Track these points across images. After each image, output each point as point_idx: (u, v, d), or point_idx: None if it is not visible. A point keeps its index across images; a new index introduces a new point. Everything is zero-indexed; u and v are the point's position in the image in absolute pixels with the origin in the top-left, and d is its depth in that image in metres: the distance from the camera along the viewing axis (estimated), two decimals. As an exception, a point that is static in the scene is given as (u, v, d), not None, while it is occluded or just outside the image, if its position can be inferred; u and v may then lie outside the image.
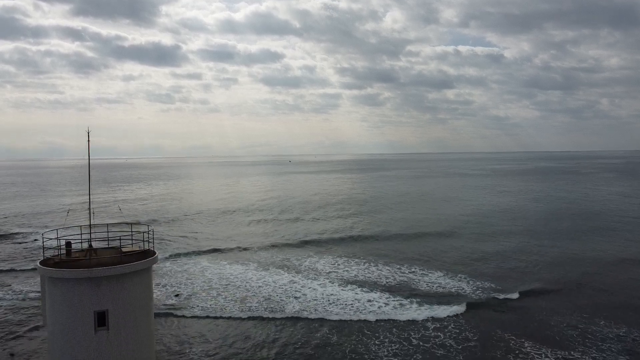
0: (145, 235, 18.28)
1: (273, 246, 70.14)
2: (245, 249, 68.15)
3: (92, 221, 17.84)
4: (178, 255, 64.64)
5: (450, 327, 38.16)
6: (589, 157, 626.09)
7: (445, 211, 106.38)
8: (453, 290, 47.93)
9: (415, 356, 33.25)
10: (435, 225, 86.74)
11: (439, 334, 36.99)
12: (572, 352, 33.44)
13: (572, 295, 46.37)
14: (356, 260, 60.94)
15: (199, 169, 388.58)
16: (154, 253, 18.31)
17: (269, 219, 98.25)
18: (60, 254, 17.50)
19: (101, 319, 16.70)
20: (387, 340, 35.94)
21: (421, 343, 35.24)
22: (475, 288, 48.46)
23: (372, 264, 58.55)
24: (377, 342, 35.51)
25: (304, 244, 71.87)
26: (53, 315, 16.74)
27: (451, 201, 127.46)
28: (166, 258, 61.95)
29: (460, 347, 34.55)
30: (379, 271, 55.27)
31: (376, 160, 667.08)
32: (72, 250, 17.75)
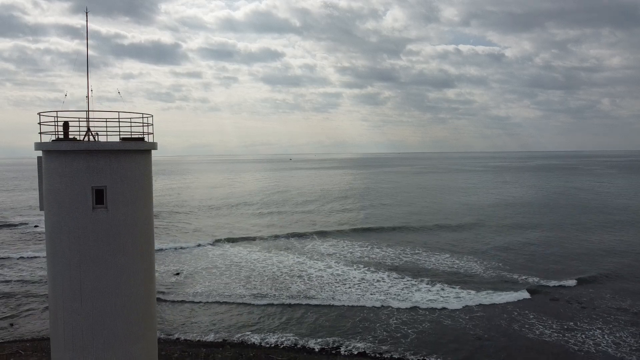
0: (145, 122, 17.93)
1: (280, 233, 69.39)
2: (251, 236, 67.14)
3: (90, 107, 17.39)
4: (183, 243, 63.91)
5: (460, 310, 37.77)
6: (590, 156, 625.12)
7: (454, 203, 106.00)
8: (462, 271, 47.32)
9: (424, 324, 32.75)
10: (446, 216, 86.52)
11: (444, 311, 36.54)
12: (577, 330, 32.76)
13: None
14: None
15: (201, 166, 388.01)
16: (153, 140, 18.24)
17: (275, 211, 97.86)
18: (57, 133, 16.96)
19: (99, 197, 16.16)
20: (392, 314, 35.45)
21: (428, 313, 34.79)
22: (486, 267, 48.09)
23: (375, 247, 58.17)
24: (386, 312, 34.99)
25: (310, 231, 71.06)
26: (49, 193, 16.18)
27: (457, 195, 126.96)
28: (169, 249, 59.73)
29: (467, 316, 34.12)
30: (384, 252, 55.08)
31: (377, 159, 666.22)
32: (70, 133, 17.28)
